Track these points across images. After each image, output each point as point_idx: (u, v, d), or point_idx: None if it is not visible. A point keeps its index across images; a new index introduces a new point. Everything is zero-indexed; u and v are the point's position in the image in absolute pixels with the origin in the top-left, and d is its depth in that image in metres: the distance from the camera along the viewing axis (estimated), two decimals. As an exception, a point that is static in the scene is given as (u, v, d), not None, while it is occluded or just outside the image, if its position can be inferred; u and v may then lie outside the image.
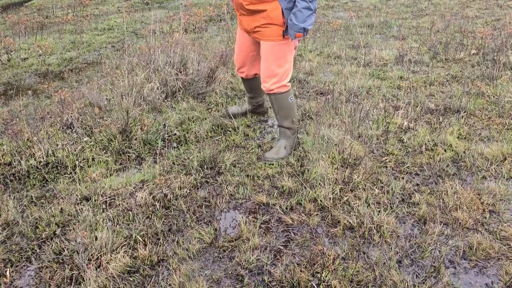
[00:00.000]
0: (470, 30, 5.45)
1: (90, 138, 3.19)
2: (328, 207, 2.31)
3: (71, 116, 3.46)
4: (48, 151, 3.02)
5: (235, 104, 3.72)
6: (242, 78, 3.15)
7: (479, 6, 6.86)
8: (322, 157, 2.66)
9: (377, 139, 2.94)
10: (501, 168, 2.60)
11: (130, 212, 2.36)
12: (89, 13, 7.92)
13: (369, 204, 2.31)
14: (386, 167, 2.67)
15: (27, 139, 3.21)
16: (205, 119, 3.44)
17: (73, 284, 1.93)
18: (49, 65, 5.23)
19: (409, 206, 2.32)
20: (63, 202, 2.54)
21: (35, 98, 4.21)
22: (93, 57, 5.51)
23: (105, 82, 3.87)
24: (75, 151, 3.05)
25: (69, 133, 3.30)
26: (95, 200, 2.50)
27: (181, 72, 3.85)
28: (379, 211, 2.24)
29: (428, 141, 2.90)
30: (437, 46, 4.65)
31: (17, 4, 9.21)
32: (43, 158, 2.98)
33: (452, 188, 2.39)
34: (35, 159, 2.97)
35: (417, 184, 2.51)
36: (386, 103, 3.47)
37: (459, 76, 3.99)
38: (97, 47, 5.94)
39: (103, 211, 2.40)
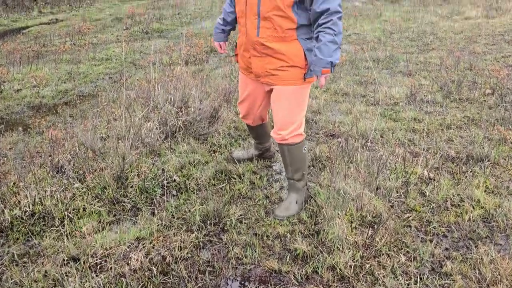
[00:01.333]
0: (481, 67, 5.28)
1: (82, 184, 2.92)
2: (349, 277, 2.03)
3: (62, 158, 3.20)
4: (35, 199, 2.74)
5: (239, 145, 3.48)
6: (247, 125, 2.90)
7: (486, 41, 6.74)
8: (338, 214, 2.39)
9: (397, 191, 2.69)
10: (538, 230, 2.34)
11: (123, 279, 2.07)
12: (87, 42, 7.75)
13: (396, 274, 2.03)
14: (410, 226, 2.41)
15: (13, 184, 2.94)
16: (207, 163, 3.19)
17: None
18: (43, 97, 4.99)
19: (441, 278, 2.04)
20: (48, 262, 2.25)
21: (25, 135, 3.96)
22: (89, 89, 5.29)
23: (101, 122, 3.62)
24: (64, 198, 2.77)
25: (59, 178, 3.03)
26: (84, 262, 2.22)
27: (182, 111, 3.62)
28: (408, 284, 1.96)
29: (453, 195, 2.65)
30: (450, 84, 4.46)
31: (14, 31, 9.06)
32: (29, 207, 2.70)
33: (488, 256, 2.12)
34: (20, 209, 2.69)
35: (447, 249, 2.24)
36: (403, 149, 3.23)
37: (477, 119, 3.77)
38: (94, 78, 5.73)
39: (92, 278, 2.10)
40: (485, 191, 2.70)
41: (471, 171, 2.91)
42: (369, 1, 12.29)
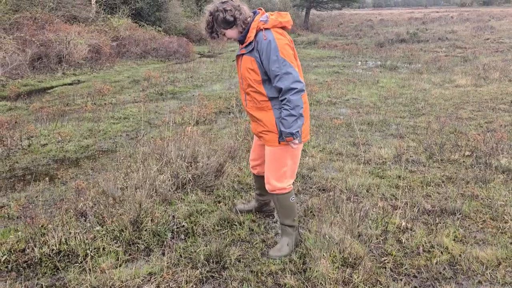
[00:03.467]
0: (464, 131, 5.79)
1: (102, 227, 3.35)
2: (329, 308, 2.38)
3: (85, 205, 3.64)
4: (61, 239, 3.16)
5: (241, 197, 3.91)
6: (253, 174, 3.40)
7: (473, 108, 7.31)
8: (323, 255, 2.78)
9: (377, 238, 3.08)
10: (496, 273, 2.70)
11: (137, 306, 2.44)
12: (107, 102, 8.46)
13: (368, 306, 2.39)
14: (385, 267, 2.78)
15: (42, 226, 3.36)
16: (213, 212, 3.61)
17: None
18: (67, 152, 5.53)
19: (408, 310, 2.39)
20: (72, 293, 2.63)
21: (51, 184, 4.43)
22: (108, 145, 5.84)
23: (119, 173, 4.11)
24: (87, 239, 3.19)
25: (82, 222, 3.45)
26: (104, 292, 2.59)
27: (191, 166, 4.11)
28: (378, 314, 2.31)
29: (425, 243, 3.03)
30: (433, 147, 4.95)
31: (40, 90, 9.87)
32: (56, 246, 3.11)
33: (449, 293, 2.48)
34: (48, 247, 3.11)
35: (415, 287, 2.60)
36: (385, 202, 3.65)
37: (454, 178, 4.21)
38: (113, 135, 6.31)
39: (111, 304, 2.48)
40: (453, 239, 3.09)
41: (443, 223, 3.31)
42: (369, 68, 13.14)
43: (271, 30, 2.69)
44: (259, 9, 2.84)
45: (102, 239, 3.19)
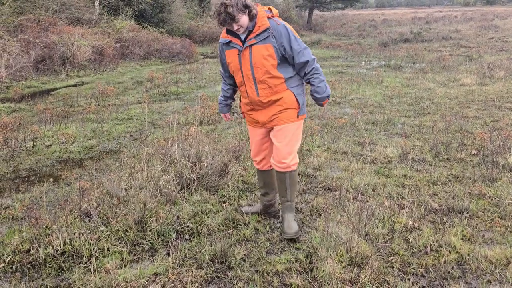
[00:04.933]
0: (470, 130, 5.74)
1: (107, 228, 3.33)
2: (336, 308, 2.35)
3: (89, 205, 3.63)
4: (65, 240, 3.14)
5: (246, 197, 3.89)
6: (257, 170, 3.41)
7: (478, 107, 7.25)
8: (330, 255, 2.75)
9: (383, 238, 3.04)
10: (505, 272, 2.66)
11: (142, 306, 2.42)
12: (110, 103, 8.46)
13: (376, 306, 2.36)
14: (393, 267, 2.75)
15: (46, 227, 3.35)
16: (218, 212, 3.59)
17: None
18: (71, 153, 5.52)
19: (416, 309, 2.35)
20: (77, 294, 2.61)
21: (55, 185, 4.42)
22: (112, 146, 5.83)
23: (124, 174, 4.09)
24: (91, 240, 3.17)
25: (86, 222, 3.44)
26: (108, 292, 2.57)
27: (196, 166, 4.09)
28: (387, 314, 2.28)
29: (433, 242, 2.99)
30: (439, 146, 4.90)
31: (44, 92, 9.89)
32: (60, 247, 3.10)
33: (458, 292, 2.44)
34: (52, 247, 3.09)
35: (423, 287, 2.56)
36: (392, 201, 3.61)
37: (461, 177, 4.17)
38: (117, 136, 6.30)
39: (116, 305, 2.46)
40: (461, 238, 3.05)
41: (451, 222, 3.27)
42: (373, 68, 13.09)
43: (276, 18, 2.98)
44: (256, 4, 2.99)
45: (107, 240, 3.17)
